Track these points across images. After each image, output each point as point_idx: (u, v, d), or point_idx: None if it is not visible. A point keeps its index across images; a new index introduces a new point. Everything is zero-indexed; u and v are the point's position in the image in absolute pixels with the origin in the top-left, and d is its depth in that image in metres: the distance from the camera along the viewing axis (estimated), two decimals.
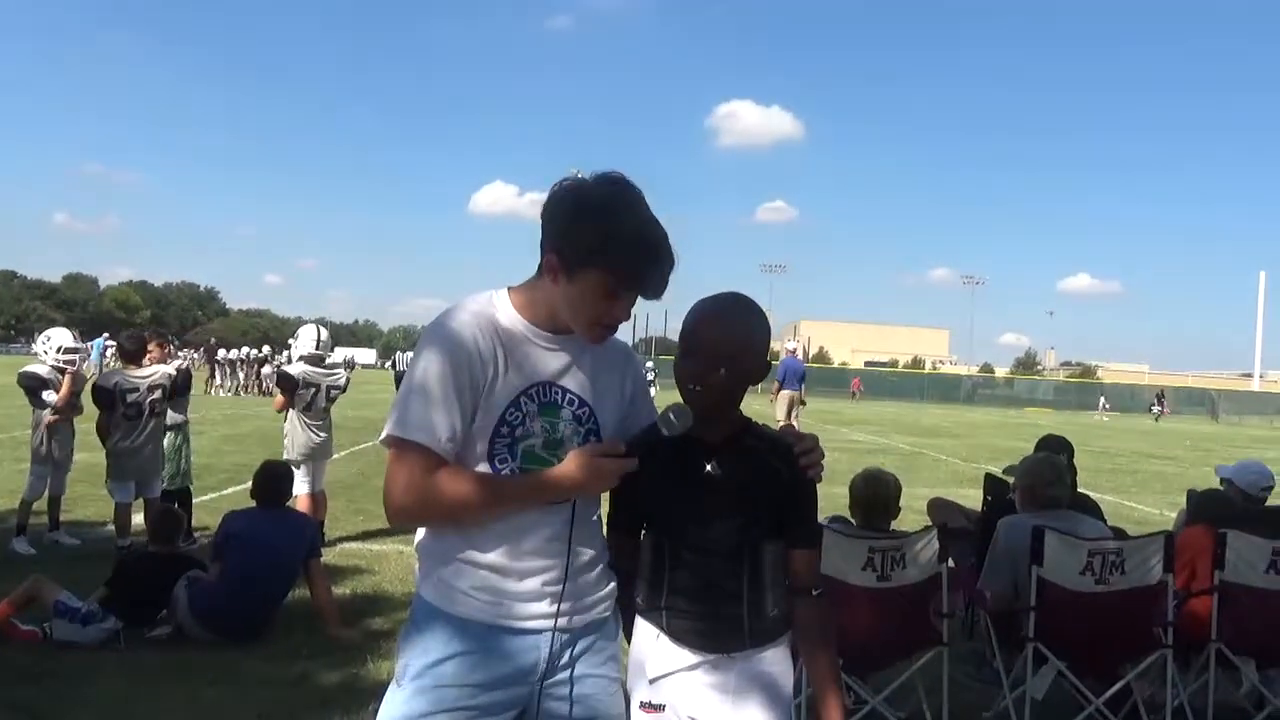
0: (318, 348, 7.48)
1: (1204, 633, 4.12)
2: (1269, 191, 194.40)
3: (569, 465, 1.86)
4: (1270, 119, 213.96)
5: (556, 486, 1.87)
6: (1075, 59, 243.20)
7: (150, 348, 7.20)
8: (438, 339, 1.86)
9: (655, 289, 1.88)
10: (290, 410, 7.34)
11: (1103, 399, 63.39)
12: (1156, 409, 56.93)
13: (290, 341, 7.74)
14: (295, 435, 7.29)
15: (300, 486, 6.91)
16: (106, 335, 38.64)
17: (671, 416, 1.93)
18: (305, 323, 8.23)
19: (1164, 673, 4.06)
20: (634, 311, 1.97)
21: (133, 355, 7.05)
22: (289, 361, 7.31)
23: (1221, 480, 5.06)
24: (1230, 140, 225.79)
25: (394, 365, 28.64)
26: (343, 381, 7.72)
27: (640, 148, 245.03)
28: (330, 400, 7.46)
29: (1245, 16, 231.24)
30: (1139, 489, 14.75)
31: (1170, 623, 4.03)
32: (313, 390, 7.32)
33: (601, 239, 1.80)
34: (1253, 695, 4.33)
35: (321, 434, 7.40)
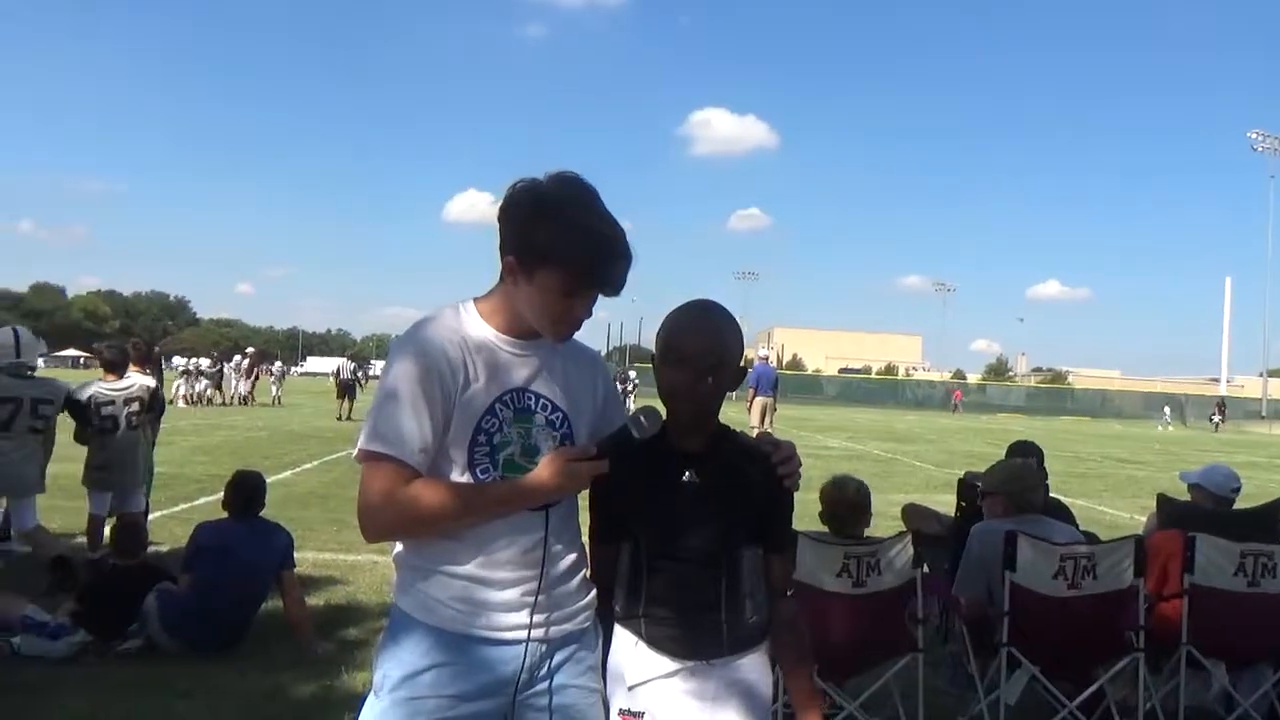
0: (18, 355, 6.20)
1: (1175, 636, 4.16)
2: (1235, 198, 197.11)
3: (542, 469, 1.87)
4: (1235, 124, 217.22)
5: (531, 491, 1.87)
6: (1047, 67, 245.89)
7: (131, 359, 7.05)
8: (406, 351, 1.86)
9: (613, 285, 1.89)
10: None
11: (1166, 409, 60.09)
12: (1217, 418, 55.12)
13: None
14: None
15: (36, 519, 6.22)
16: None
17: (642, 419, 1.93)
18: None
19: (1136, 676, 4.10)
20: (607, 323, 1.98)
21: (112, 366, 6.91)
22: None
23: (1189, 486, 5.10)
24: (1197, 146, 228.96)
25: (338, 374, 27.99)
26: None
27: (614, 155, 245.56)
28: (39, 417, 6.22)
29: (1222, 22, 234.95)
30: (1110, 493, 14.89)
31: (1142, 626, 4.07)
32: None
33: (556, 237, 1.82)
34: (1222, 697, 4.38)
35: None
